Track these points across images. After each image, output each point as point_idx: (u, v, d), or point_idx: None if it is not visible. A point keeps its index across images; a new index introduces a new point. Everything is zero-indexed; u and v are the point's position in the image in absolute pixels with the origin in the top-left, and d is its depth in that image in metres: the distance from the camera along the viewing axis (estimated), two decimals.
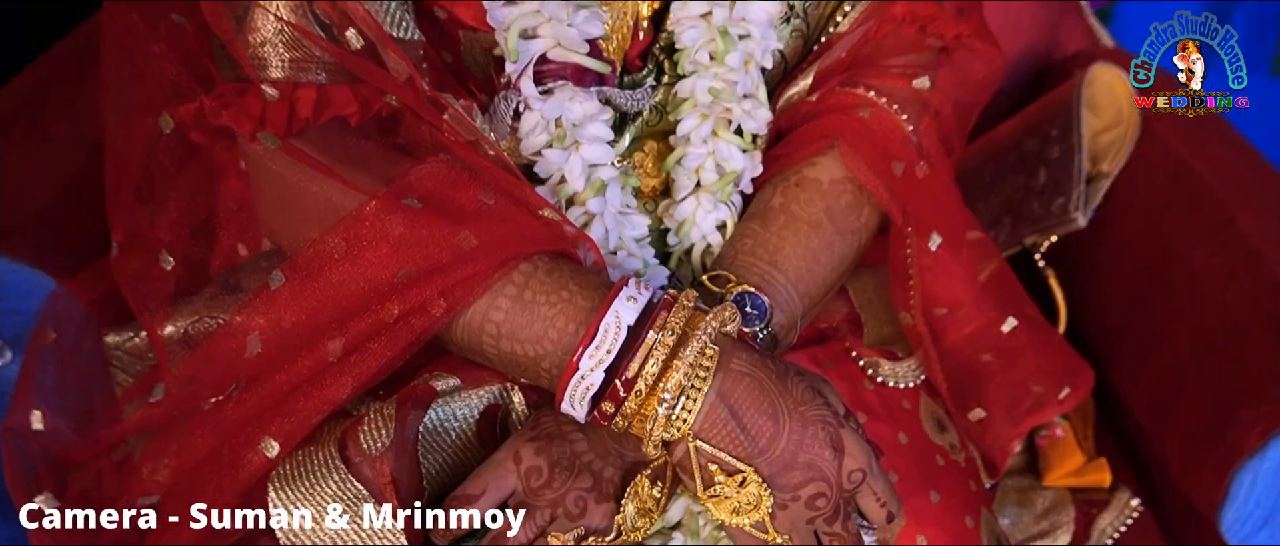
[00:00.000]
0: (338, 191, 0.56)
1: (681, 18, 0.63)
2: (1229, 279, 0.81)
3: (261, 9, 0.58)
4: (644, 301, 0.54)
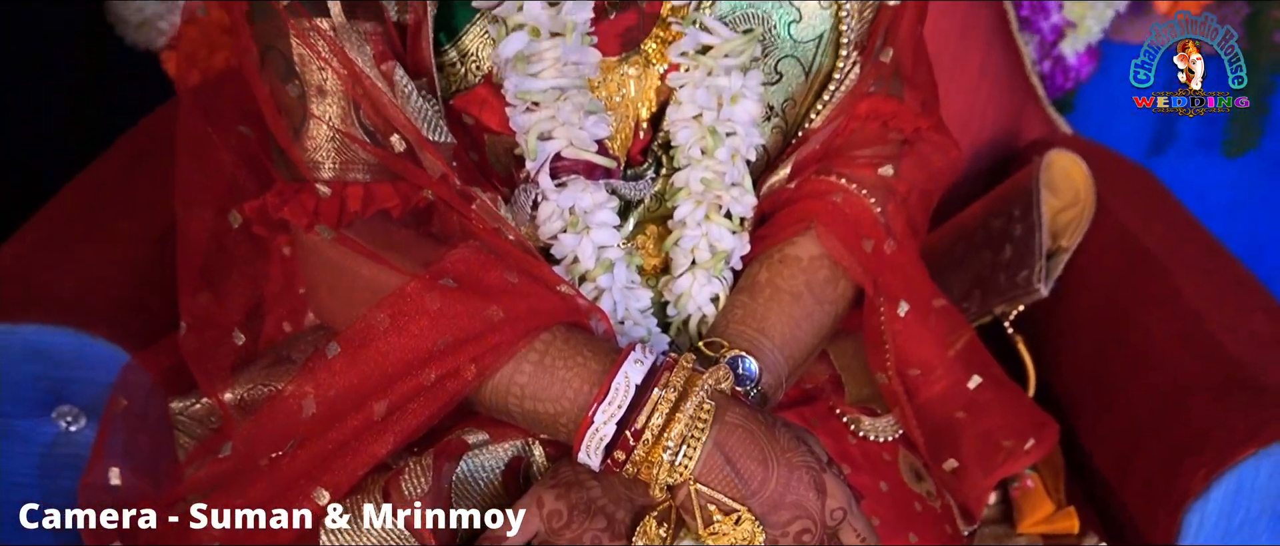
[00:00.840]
0: (383, 274, 0.65)
1: (676, 119, 0.72)
2: (1176, 341, 0.90)
3: (316, 119, 0.67)
4: (649, 364, 0.63)
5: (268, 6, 0.67)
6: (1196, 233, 1.06)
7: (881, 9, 0.76)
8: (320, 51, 0.66)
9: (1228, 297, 0.93)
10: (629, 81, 0.72)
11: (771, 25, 0.73)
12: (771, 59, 0.74)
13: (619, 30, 0.71)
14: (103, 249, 0.82)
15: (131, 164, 0.98)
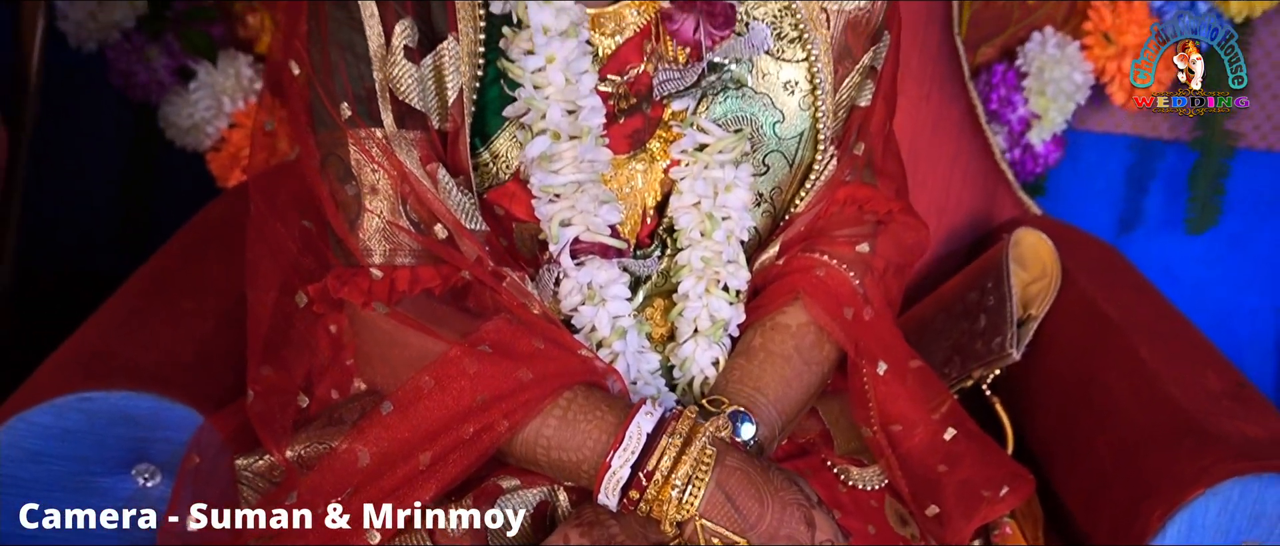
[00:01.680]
0: (429, 342, 0.75)
1: (678, 207, 0.84)
2: (1135, 398, 0.99)
3: (369, 213, 0.79)
4: (658, 415, 0.73)
5: (330, 119, 0.79)
6: (1155, 301, 1.16)
7: (853, 110, 0.88)
8: (374, 156, 0.78)
9: (1182, 358, 1.03)
10: (637, 175, 0.84)
11: (759, 125, 0.85)
12: (760, 153, 0.86)
13: (628, 132, 0.83)
14: (174, 325, 0.93)
15: (192, 253, 1.10)
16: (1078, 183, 1.59)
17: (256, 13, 1.48)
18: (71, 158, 1.60)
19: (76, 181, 1.59)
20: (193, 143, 1.51)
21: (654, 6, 0.82)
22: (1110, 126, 1.56)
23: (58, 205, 1.59)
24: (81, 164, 1.60)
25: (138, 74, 1.48)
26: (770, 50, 0.84)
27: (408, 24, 0.78)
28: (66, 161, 1.59)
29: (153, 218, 1.62)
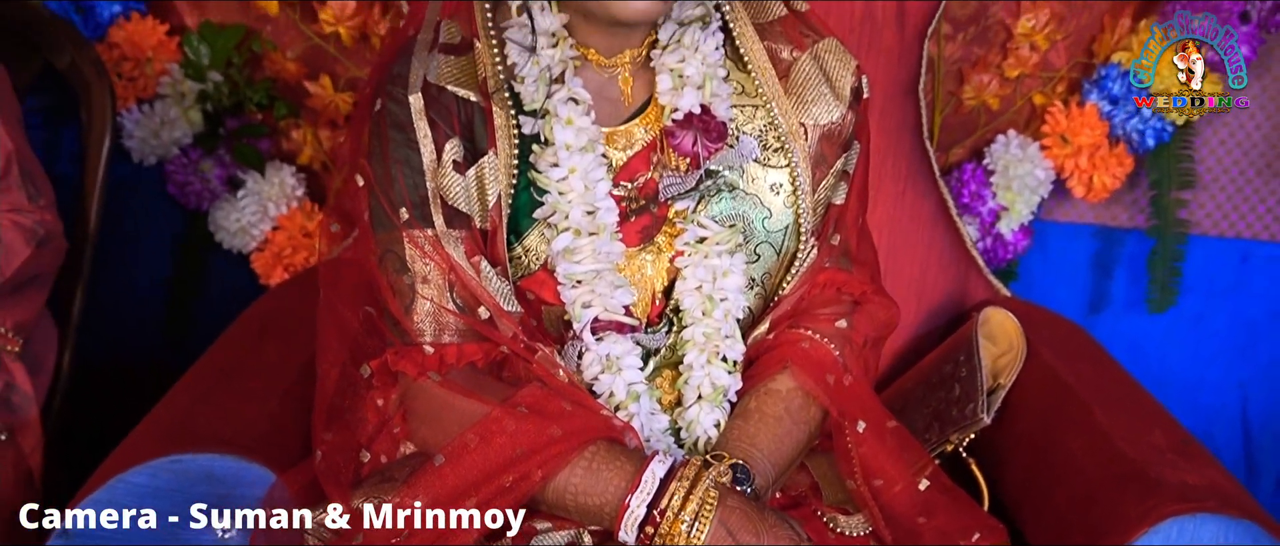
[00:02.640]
0: (474, 405, 0.89)
1: (682, 290, 0.99)
2: (1089, 453, 1.12)
3: (422, 298, 0.94)
4: (669, 463, 0.86)
5: (388, 221, 0.94)
6: (1111, 370, 1.30)
7: (830, 207, 1.03)
8: (426, 251, 0.93)
9: (1131, 419, 1.16)
10: (647, 264, 0.99)
11: (750, 221, 1.01)
12: (751, 244, 1.01)
13: (638, 228, 0.99)
14: (245, 400, 1.07)
15: (252, 339, 1.25)
16: (1048, 268, 1.74)
17: (300, 128, 1.66)
18: (125, 258, 1.74)
19: (128, 279, 1.72)
20: (239, 244, 1.66)
21: (658, 125, 0.98)
22: (1074, 217, 1.71)
23: (110, 301, 1.72)
24: (134, 264, 1.74)
25: (192, 184, 1.64)
26: (758, 158, 1.00)
27: (455, 142, 0.94)
28: (120, 261, 1.74)
29: (199, 313, 1.77)
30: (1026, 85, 1.60)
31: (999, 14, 1.56)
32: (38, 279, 1.26)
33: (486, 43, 0.95)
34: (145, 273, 1.74)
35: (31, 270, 1.23)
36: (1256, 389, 1.80)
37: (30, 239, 1.20)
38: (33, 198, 1.22)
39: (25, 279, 1.23)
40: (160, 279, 1.75)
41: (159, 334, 1.78)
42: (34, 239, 1.21)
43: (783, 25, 1.03)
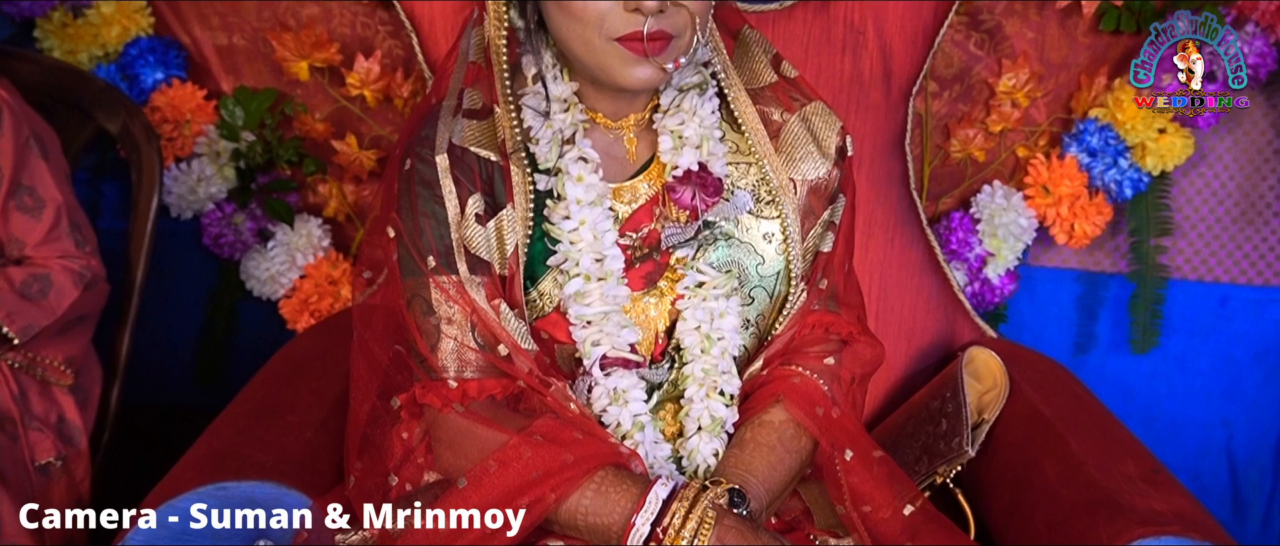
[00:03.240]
0: (494, 434, 0.98)
1: (683, 330, 1.08)
2: (1064, 482, 1.20)
3: (447, 337, 1.03)
4: (671, 486, 0.95)
5: (416, 268, 1.04)
6: (1088, 405, 1.38)
7: (818, 255, 1.12)
8: (451, 294, 1.03)
9: (1105, 450, 1.24)
10: (651, 306, 1.09)
11: (745, 267, 1.10)
12: (746, 288, 1.10)
13: (643, 274, 1.08)
14: (282, 433, 1.17)
15: (286, 378, 1.34)
16: (1036, 311, 1.82)
17: (326, 183, 1.77)
18: (161, 305, 1.84)
19: (163, 325, 1.82)
20: (268, 292, 1.77)
21: (661, 181, 1.08)
22: (1059, 262, 1.80)
23: (146, 344, 1.82)
24: (169, 310, 1.83)
25: (226, 235, 1.75)
26: (751, 210, 1.10)
27: (477, 197, 1.04)
28: (156, 308, 1.83)
29: (230, 356, 1.87)
30: (1010, 139, 1.70)
31: (982, 73, 1.67)
32: (85, 319, 1.36)
33: (505, 108, 1.05)
34: (180, 318, 1.84)
35: (79, 310, 1.33)
36: (1240, 426, 1.87)
37: (78, 281, 1.31)
38: (80, 245, 1.33)
39: (74, 318, 1.33)
40: (194, 324, 1.85)
41: (191, 375, 1.87)
42: (82, 282, 1.32)
43: (773, 90, 1.13)
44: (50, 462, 1.33)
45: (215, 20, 1.70)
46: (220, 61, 1.72)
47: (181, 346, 1.86)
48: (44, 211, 1.30)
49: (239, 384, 1.38)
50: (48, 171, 1.31)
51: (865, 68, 1.45)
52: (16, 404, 1.31)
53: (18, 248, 1.30)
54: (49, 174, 1.31)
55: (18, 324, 1.26)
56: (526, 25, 1.06)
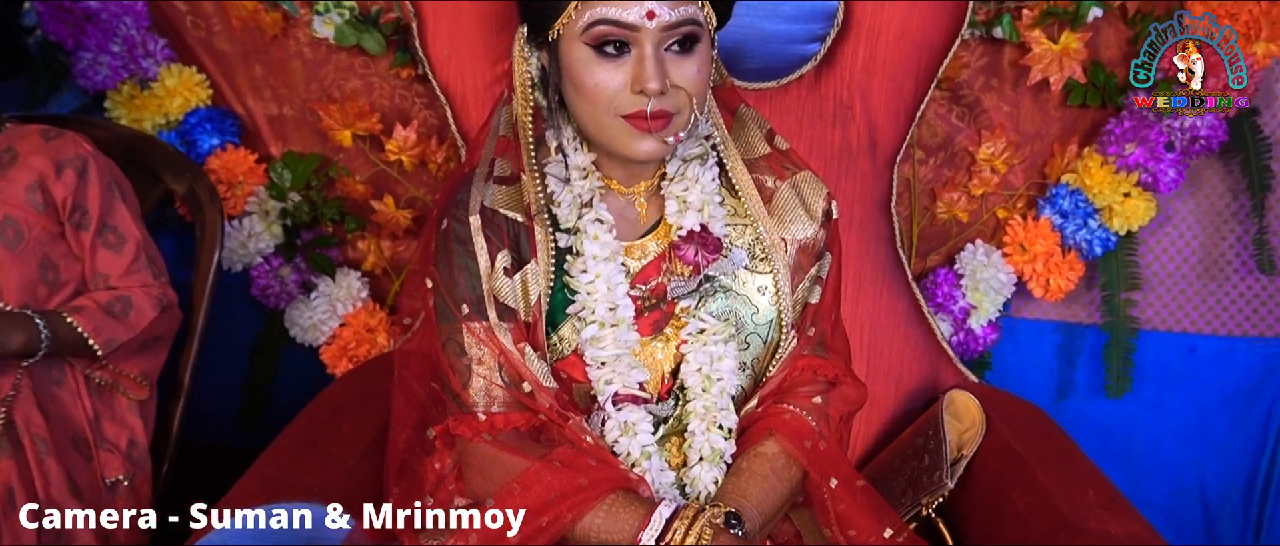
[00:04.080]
0: (518, 461, 1.12)
1: (686, 372, 1.22)
2: (1031, 509, 1.33)
3: (477, 376, 1.18)
4: (674, 507, 1.09)
5: (451, 315, 1.19)
6: (1058, 442, 1.51)
7: (806, 306, 1.26)
8: (481, 338, 1.18)
9: (1069, 481, 1.37)
10: (658, 350, 1.23)
11: (741, 316, 1.25)
12: (742, 334, 1.25)
13: (651, 321, 1.23)
14: (327, 463, 1.31)
15: (328, 416, 1.49)
16: (1019, 359, 1.96)
17: (366, 240, 1.93)
18: (208, 350, 1.99)
19: (212, 368, 1.96)
20: (310, 339, 1.92)
21: (667, 240, 1.24)
22: (1040, 314, 1.94)
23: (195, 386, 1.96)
24: (217, 354, 1.98)
25: (273, 287, 1.91)
26: (747, 266, 1.25)
27: (505, 253, 1.20)
28: (205, 353, 1.98)
29: (274, 401, 2.01)
30: (990, 202, 1.85)
31: (963, 142, 1.83)
32: (160, 340, 1.53)
33: (531, 176, 1.21)
34: (226, 362, 1.98)
35: (155, 330, 1.50)
36: (1212, 467, 1.99)
37: (155, 305, 1.48)
38: (156, 275, 1.51)
39: (151, 337, 1.50)
40: (239, 369, 2.01)
41: (235, 416, 2.02)
42: (158, 305, 1.49)
43: (767, 160, 1.28)
44: (118, 480, 1.49)
45: (267, 92, 1.87)
46: (270, 129, 1.89)
47: (228, 389, 2.01)
48: (125, 247, 1.47)
49: (280, 425, 1.52)
50: (127, 212, 1.49)
51: (853, 139, 1.61)
52: (91, 427, 1.47)
53: (103, 280, 1.47)
54: (128, 215, 1.49)
55: (102, 337, 1.43)
56: (549, 104, 1.22)
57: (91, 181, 1.45)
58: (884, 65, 1.57)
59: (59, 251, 1.45)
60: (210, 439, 1.95)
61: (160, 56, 1.80)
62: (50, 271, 1.44)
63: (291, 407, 1.61)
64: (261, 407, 2.01)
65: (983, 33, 1.74)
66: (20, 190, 1.42)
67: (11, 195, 1.42)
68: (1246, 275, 1.88)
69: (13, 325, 1.39)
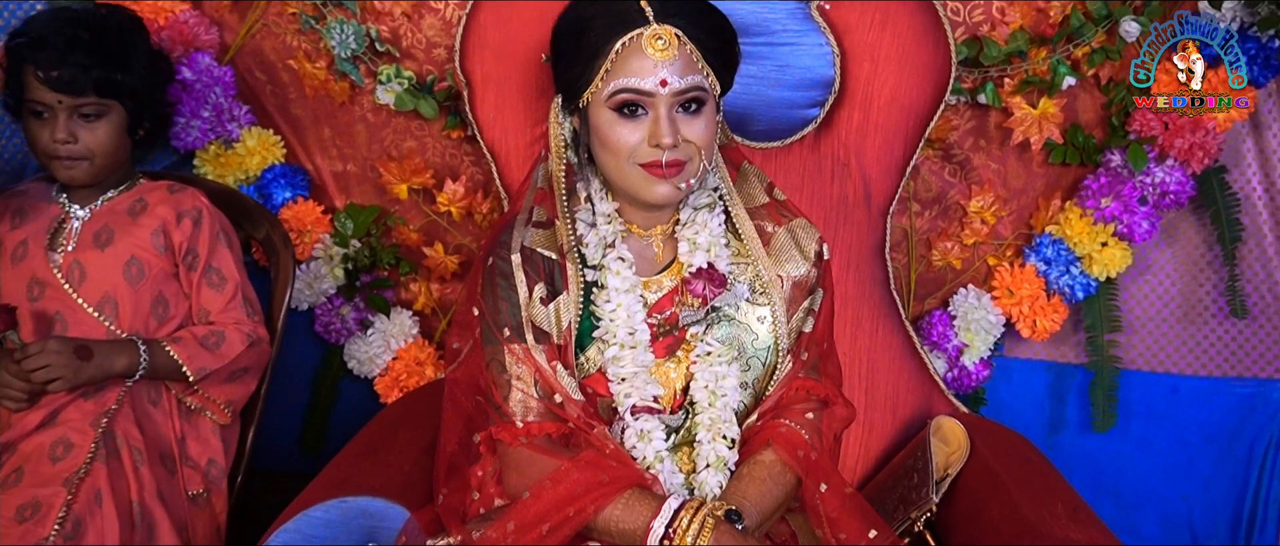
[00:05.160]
0: (550, 461, 1.32)
1: (695, 388, 1.41)
2: (1004, 520, 1.49)
3: (515, 390, 1.38)
4: (681, 500, 1.27)
5: (494, 338, 1.40)
6: (1035, 463, 1.67)
7: (801, 334, 1.45)
8: (520, 357, 1.38)
9: (1040, 496, 1.53)
10: (671, 369, 1.43)
11: (743, 342, 1.44)
12: (744, 357, 1.44)
13: (665, 345, 1.42)
14: (387, 467, 1.51)
15: (386, 431, 1.69)
16: (1013, 396, 2.12)
17: (417, 282, 2.15)
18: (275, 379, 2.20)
19: (276, 396, 2.16)
20: (366, 371, 2.13)
21: (680, 276, 1.44)
22: (1031, 354, 2.11)
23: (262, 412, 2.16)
24: (279, 386, 2.19)
25: (334, 324, 2.13)
26: (748, 299, 1.44)
27: (541, 286, 1.40)
28: (276, 389, 2.19)
29: (332, 429, 2.22)
30: (981, 250, 2.03)
31: (956, 197, 2.02)
32: (248, 371, 1.75)
33: (563, 221, 1.42)
34: (289, 392, 2.19)
35: (243, 363, 1.72)
36: (1198, 501, 2.12)
37: (245, 340, 1.70)
38: (249, 314, 1.73)
39: (239, 369, 1.71)
40: (300, 399, 2.22)
41: (296, 443, 2.23)
42: (247, 340, 1.71)
43: (767, 209, 1.49)
44: (198, 494, 1.69)
45: (334, 151, 2.11)
46: (335, 183, 2.13)
47: (289, 417, 2.22)
48: (226, 287, 1.71)
49: (337, 444, 1.71)
50: (230, 257, 1.72)
51: (850, 192, 1.81)
52: (178, 444, 1.68)
53: (204, 315, 1.70)
54: (231, 259, 1.72)
55: (195, 365, 1.65)
56: (579, 160, 1.43)
57: (204, 229, 1.69)
58: (877, 127, 1.77)
59: (171, 289, 1.68)
60: (271, 464, 2.14)
61: (243, 120, 2.04)
62: (161, 306, 1.68)
63: (347, 435, 1.79)
64: (320, 435, 2.22)
65: (969, 99, 1.94)
66: (146, 234, 1.67)
67: (139, 238, 1.66)
68: (1223, 319, 2.04)
69: (118, 350, 1.62)
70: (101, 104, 1.62)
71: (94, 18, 1.65)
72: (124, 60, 1.62)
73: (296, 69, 2.04)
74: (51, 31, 1.59)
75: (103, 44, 1.59)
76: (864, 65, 1.76)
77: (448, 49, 2.00)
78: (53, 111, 1.60)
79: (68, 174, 1.64)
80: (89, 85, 1.59)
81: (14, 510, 1.47)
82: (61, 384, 1.56)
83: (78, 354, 1.56)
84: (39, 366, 1.54)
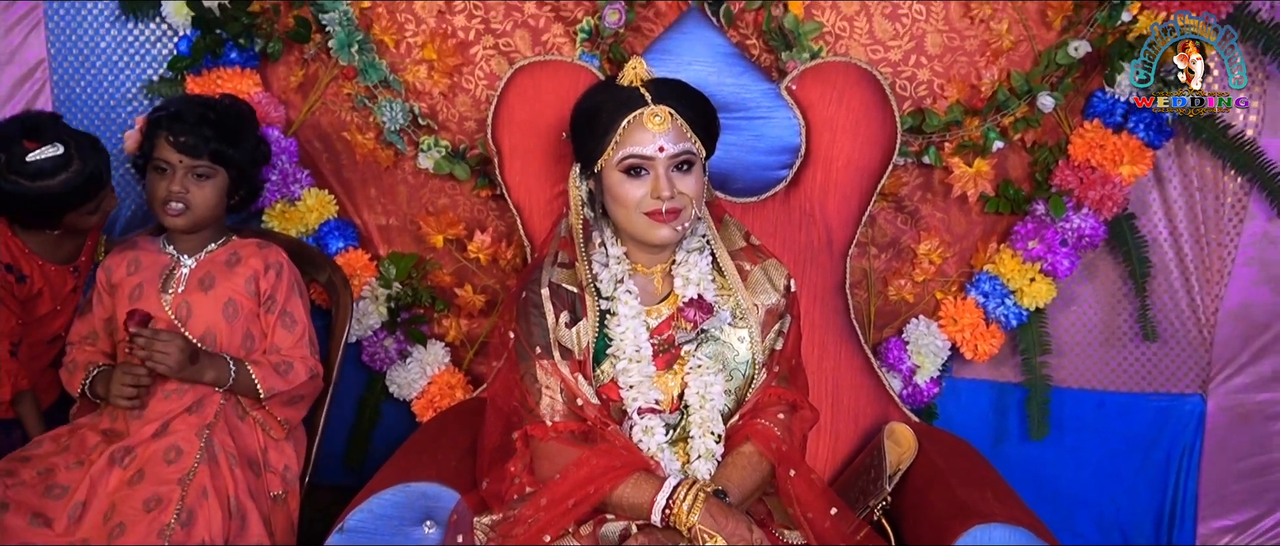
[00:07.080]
0: (573, 451, 1.66)
1: (688, 394, 1.75)
2: (942, 502, 1.83)
3: (545, 396, 1.72)
4: (678, 480, 1.62)
5: (527, 356, 1.74)
6: (973, 460, 2.00)
7: (773, 352, 1.80)
8: (548, 370, 1.73)
9: (973, 484, 1.86)
10: (669, 379, 1.77)
11: (726, 357, 1.78)
12: (728, 370, 1.78)
13: (665, 360, 1.77)
14: (440, 459, 1.85)
15: (435, 434, 2.03)
16: (961, 411, 2.45)
17: (449, 318, 2.50)
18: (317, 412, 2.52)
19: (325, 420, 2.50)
20: (405, 394, 2.47)
21: (675, 305, 1.79)
22: (976, 376, 2.45)
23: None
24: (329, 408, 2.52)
25: (378, 353, 2.48)
26: (730, 323, 1.79)
27: (565, 314, 1.75)
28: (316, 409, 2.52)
29: (373, 446, 2.55)
30: (930, 286, 2.39)
31: (907, 241, 2.38)
32: (304, 398, 2.08)
33: (582, 262, 1.78)
34: (336, 414, 2.50)
35: (302, 391, 2.05)
36: (1124, 503, 2.45)
37: (308, 372, 2.04)
38: (312, 352, 2.07)
39: (298, 395, 2.05)
40: (346, 419, 2.55)
41: (341, 459, 2.55)
42: (309, 373, 2.05)
43: (745, 251, 1.84)
44: (278, 495, 2.03)
45: (379, 208, 2.47)
46: (380, 235, 2.48)
47: (335, 436, 2.55)
48: (296, 328, 2.05)
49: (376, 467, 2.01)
50: (301, 304, 2.07)
51: (815, 239, 2.17)
52: (261, 453, 2.02)
53: (277, 350, 2.05)
54: (301, 305, 2.07)
55: (266, 385, 1.99)
56: (594, 213, 1.80)
57: (284, 279, 2.05)
58: (836, 185, 2.14)
59: (256, 327, 2.04)
60: (319, 478, 2.47)
61: (304, 183, 2.41)
62: (248, 340, 2.03)
63: (387, 452, 2.10)
64: (363, 451, 2.55)
65: (916, 160, 2.31)
66: (241, 281, 2.02)
67: (235, 284, 2.02)
68: (1139, 342, 2.38)
69: (216, 362, 1.96)
70: (212, 167, 1.98)
71: (220, 104, 2.04)
72: (236, 138, 1.99)
73: (349, 139, 2.40)
74: (187, 108, 1.98)
75: (223, 123, 1.97)
76: (825, 135, 2.13)
77: (478, 122, 2.37)
78: (173, 168, 1.97)
79: (172, 221, 1.99)
80: (206, 151, 1.96)
81: (141, 502, 1.81)
82: (166, 372, 1.89)
83: (189, 354, 1.90)
84: (161, 351, 1.87)
